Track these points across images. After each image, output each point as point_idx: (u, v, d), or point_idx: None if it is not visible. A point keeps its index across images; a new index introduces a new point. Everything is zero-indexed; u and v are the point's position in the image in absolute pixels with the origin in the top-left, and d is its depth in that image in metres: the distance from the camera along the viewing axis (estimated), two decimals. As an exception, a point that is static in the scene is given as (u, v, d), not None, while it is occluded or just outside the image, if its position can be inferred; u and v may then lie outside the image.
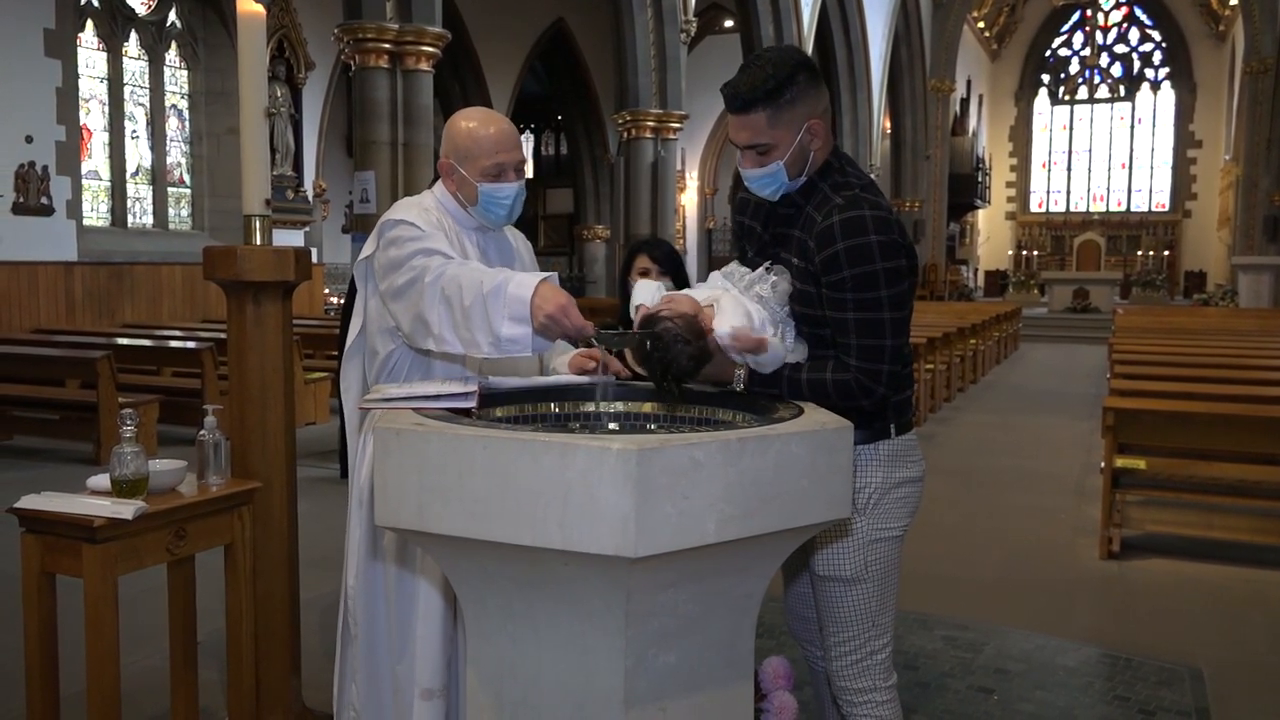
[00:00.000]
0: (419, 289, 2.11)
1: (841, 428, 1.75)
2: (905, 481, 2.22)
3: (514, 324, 1.95)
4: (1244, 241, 20.10)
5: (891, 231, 2.03)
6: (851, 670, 2.21)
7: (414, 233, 2.22)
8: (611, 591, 1.60)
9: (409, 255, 2.17)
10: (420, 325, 2.12)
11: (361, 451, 2.43)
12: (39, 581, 2.49)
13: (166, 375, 8.74)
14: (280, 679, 2.90)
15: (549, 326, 1.96)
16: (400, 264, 2.18)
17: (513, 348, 1.98)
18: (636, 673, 1.66)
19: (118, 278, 11.47)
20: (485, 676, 1.79)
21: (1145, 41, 29.73)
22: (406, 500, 1.65)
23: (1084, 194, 30.48)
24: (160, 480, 2.57)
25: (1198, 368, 7.08)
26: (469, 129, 2.35)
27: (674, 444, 1.53)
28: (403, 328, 2.22)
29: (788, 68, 2.03)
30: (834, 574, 2.19)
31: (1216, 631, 4.01)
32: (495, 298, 1.96)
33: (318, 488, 6.24)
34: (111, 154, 12.27)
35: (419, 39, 8.34)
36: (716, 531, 1.57)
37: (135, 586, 2.53)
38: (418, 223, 2.26)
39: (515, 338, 1.97)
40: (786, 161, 2.08)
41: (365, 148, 8.45)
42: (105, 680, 2.45)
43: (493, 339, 1.98)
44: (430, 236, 2.23)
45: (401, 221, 2.26)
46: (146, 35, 12.60)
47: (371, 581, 2.42)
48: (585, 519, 1.51)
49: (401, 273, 2.17)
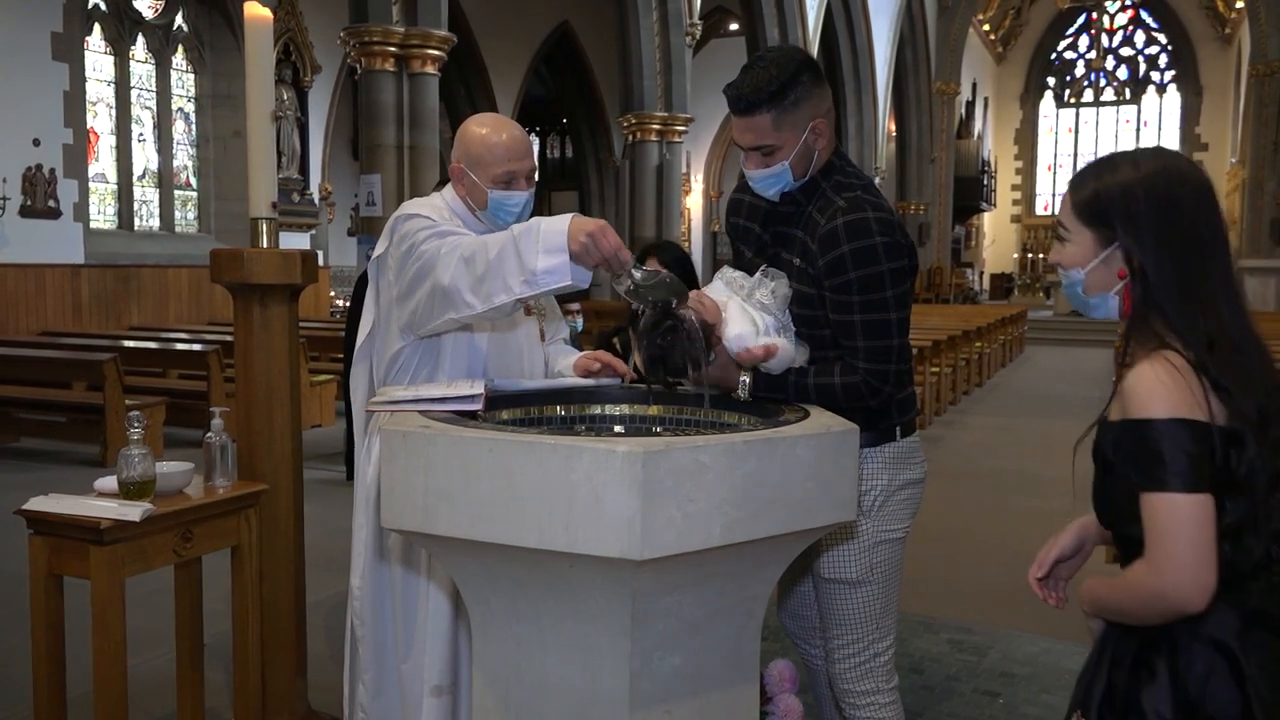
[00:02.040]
0: (434, 262, 2.08)
1: (847, 430, 1.76)
2: (909, 483, 2.23)
3: (549, 255, 1.89)
4: (1250, 244, 20.05)
5: (894, 233, 2.03)
6: (855, 672, 2.21)
7: (425, 223, 2.23)
8: (617, 594, 1.60)
9: (422, 241, 2.16)
10: (440, 297, 2.07)
11: (367, 453, 2.43)
12: (46, 583, 2.50)
13: (172, 378, 8.77)
14: (286, 681, 2.90)
15: (587, 247, 1.88)
16: (414, 252, 2.17)
17: (549, 279, 1.91)
18: (642, 675, 1.66)
19: (124, 280, 11.51)
20: (491, 678, 1.80)
21: (1151, 44, 29.68)
22: (413, 502, 1.66)
23: (1090, 197, 30.42)
24: (167, 482, 2.58)
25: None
26: (482, 135, 2.35)
27: (679, 446, 1.54)
28: (419, 313, 2.18)
29: (791, 68, 2.03)
30: (839, 576, 2.19)
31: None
32: (526, 236, 1.92)
33: (323, 490, 6.25)
34: (118, 157, 12.30)
35: (425, 42, 8.36)
36: (722, 534, 1.57)
37: (141, 588, 2.54)
38: (430, 215, 2.27)
39: (551, 268, 1.90)
40: (792, 161, 2.08)
41: (371, 150, 8.46)
42: (112, 681, 2.45)
43: (526, 276, 1.92)
44: (442, 223, 2.24)
45: (414, 215, 2.27)
46: (153, 39, 12.64)
47: (378, 582, 2.43)
48: (591, 521, 1.51)
49: (415, 259, 2.16)
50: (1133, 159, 1.54)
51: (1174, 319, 1.47)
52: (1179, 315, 1.47)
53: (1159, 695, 1.47)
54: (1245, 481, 1.43)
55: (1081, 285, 1.58)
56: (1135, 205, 1.50)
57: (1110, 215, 1.52)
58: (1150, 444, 1.41)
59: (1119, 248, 1.52)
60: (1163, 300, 1.48)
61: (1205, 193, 1.51)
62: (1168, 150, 1.57)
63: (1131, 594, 1.49)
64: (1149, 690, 1.48)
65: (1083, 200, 1.55)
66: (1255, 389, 1.44)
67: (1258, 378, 1.46)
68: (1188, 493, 1.39)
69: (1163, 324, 1.48)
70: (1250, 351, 1.48)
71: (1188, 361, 1.44)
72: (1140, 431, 1.43)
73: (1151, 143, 30.74)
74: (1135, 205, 1.50)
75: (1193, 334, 1.46)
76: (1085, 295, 1.59)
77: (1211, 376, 1.43)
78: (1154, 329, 1.49)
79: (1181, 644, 1.46)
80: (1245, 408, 1.43)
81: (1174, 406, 1.41)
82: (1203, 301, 1.48)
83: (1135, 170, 1.52)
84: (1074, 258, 1.57)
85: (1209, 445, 1.41)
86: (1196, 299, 1.47)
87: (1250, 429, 1.42)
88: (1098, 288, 1.57)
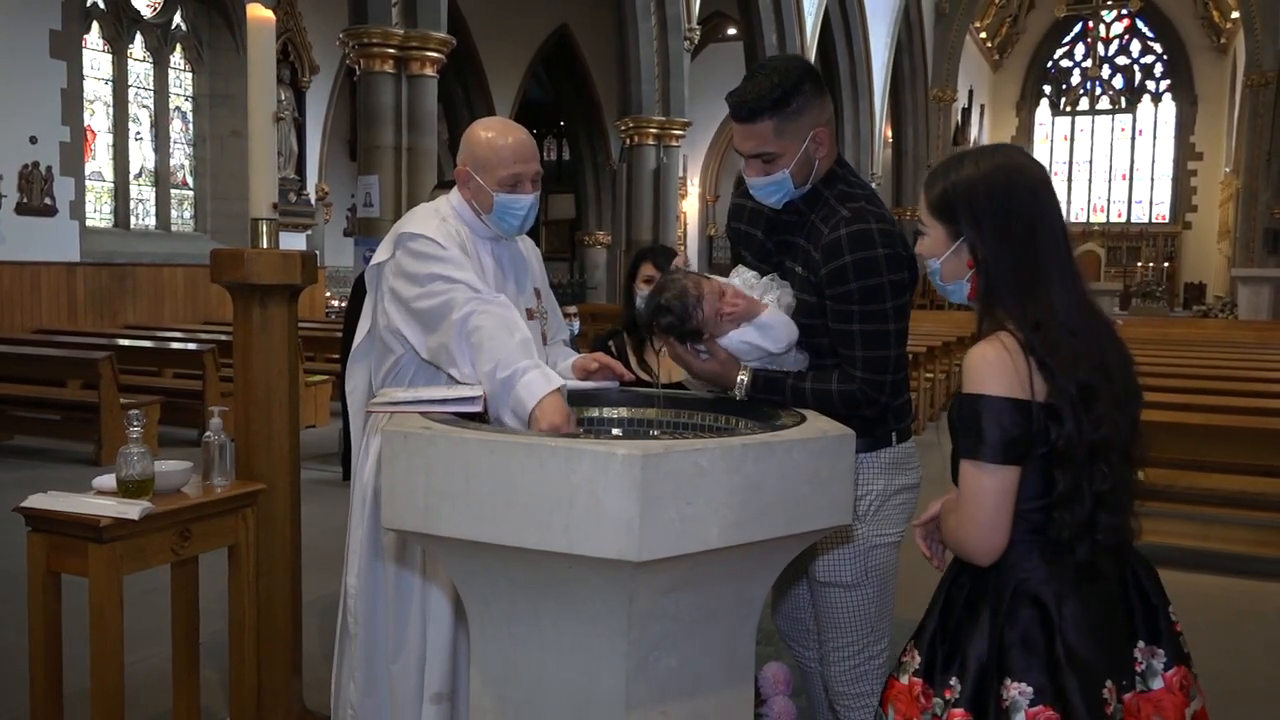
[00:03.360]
0: (447, 325, 2.15)
1: (843, 435, 1.78)
2: (904, 488, 2.25)
3: (513, 418, 2.00)
4: (1244, 254, 20.14)
5: (896, 244, 2.05)
6: (850, 675, 2.23)
7: (435, 250, 2.24)
8: (615, 595, 1.62)
9: (430, 277, 2.20)
10: (444, 354, 2.17)
11: (365, 452, 2.44)
12: (44, 580, 2.51)
13: (167, 376, 8.76)
14: (281, 680, 2.91)
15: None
16: (421, 282, 2.20)
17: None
18: (638, 676, 1.68)
19: (120, 279, 11.49)
20: (489, 678, 1.81)
21: (1147, 54, 29.78)
22: (413, 503, 1.67)
23: (1084, 205, 30.49)
24: (166, 481, 2.59)
25: (1196, 379, 7.10)
26: (488, 139, 2.36)
27: (678, 450, 1.55)
28: (415, 344, 2.25)
29: (794, 77, 2.05)
30: (835, 580, 2.21)
31: (1212, 641, 4.01)
32: (505, 389, 2.01)
33: (317, 490, 6.24)
34: (115, 155, 12.29)
35: (424, 44, 8.36)
36: (719, 537, 1.59)
37: (135, 588, 2.55)
38: (438, 238, 2.27)
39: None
40: (792, 170, 2.10)
41: (370, 152, 8.46)
42: (109, 679, 2.46)
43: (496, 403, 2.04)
44: (452, 258, 2.25)
45: (422, 236, 2.27)
46: (151, 38, 12.63)
47: (373, 581, 2.44)
48: (590, 523, 1.53)
49: (423, 295, 2.20)
50: (975, 158, 1.68)
51: (1009, 304, 1.63)
52: (1014, 301, 1.63)
53: (979, 640, 1.62)
54: (1065, 453, 1.57)
55: (939, 274, 1.74)
56: (977, 202, 1.64)
57: (956, 211, 1.67)
58: (973, 417, 1.58)
59: (965, 241, 1.67)
60: (1000, 288, 1.64)
61: (1040, 187, 1.66)
62: (1008, 147, 1.73)
63: (947, 534, 1.71)
64: (971, 633, 1.63)
65: (934, 197, 1.70)
66: (1079, 368, 1.58)
67: (1083, 357, 1.59)
68: (994, 464, 1.58)
69: (1002, 309, 1.63)
70: (1084, 332, 1.62)
71: (1019, 343, 1.59)
72: (967, 405, 1.59)
73: (1147, 153, 30.68)
74: (977, 202, 1.64)
75: (1024, 318, 1.61)
76: (943, 283, 1.74)
77: (1038, 356, 1.58)
78: (995, 313, 1.64)
79: (1005, 596, 1.61)
80: (1066, 385, 1.57)
81: (998, 384, 1.57)
82: (1036, 288, 1.62)
83: (976, 168, 1.66)
84: (931, 249, 1.73)
85: (1027, 421, 1.56)
86: (1030, 286, 1.62)
87: (1069, 405, 1.56)
88: (952, 276, 1.72)
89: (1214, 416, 5.34)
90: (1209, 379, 7.13)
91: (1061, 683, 1.55)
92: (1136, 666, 1.65)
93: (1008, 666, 1.58)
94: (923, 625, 1.75)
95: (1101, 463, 1.58)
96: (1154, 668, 1.66)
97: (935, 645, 1.68)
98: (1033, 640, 1.59)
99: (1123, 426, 1.62)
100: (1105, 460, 1.58)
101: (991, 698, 1.58)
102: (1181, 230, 28.99)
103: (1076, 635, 1.58)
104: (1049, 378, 1.58)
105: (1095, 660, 1.58)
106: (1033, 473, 1.60)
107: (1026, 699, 1.56)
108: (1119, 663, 1.62)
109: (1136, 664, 1.65)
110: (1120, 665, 1.62)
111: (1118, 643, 1.63)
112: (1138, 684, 1.64)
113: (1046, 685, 1.56)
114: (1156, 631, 1.68)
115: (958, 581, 1.71)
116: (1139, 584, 1.70)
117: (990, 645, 1.61)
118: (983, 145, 1.78)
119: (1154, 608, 1.69)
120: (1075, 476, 1.57)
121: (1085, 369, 1.58)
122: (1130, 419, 1.65)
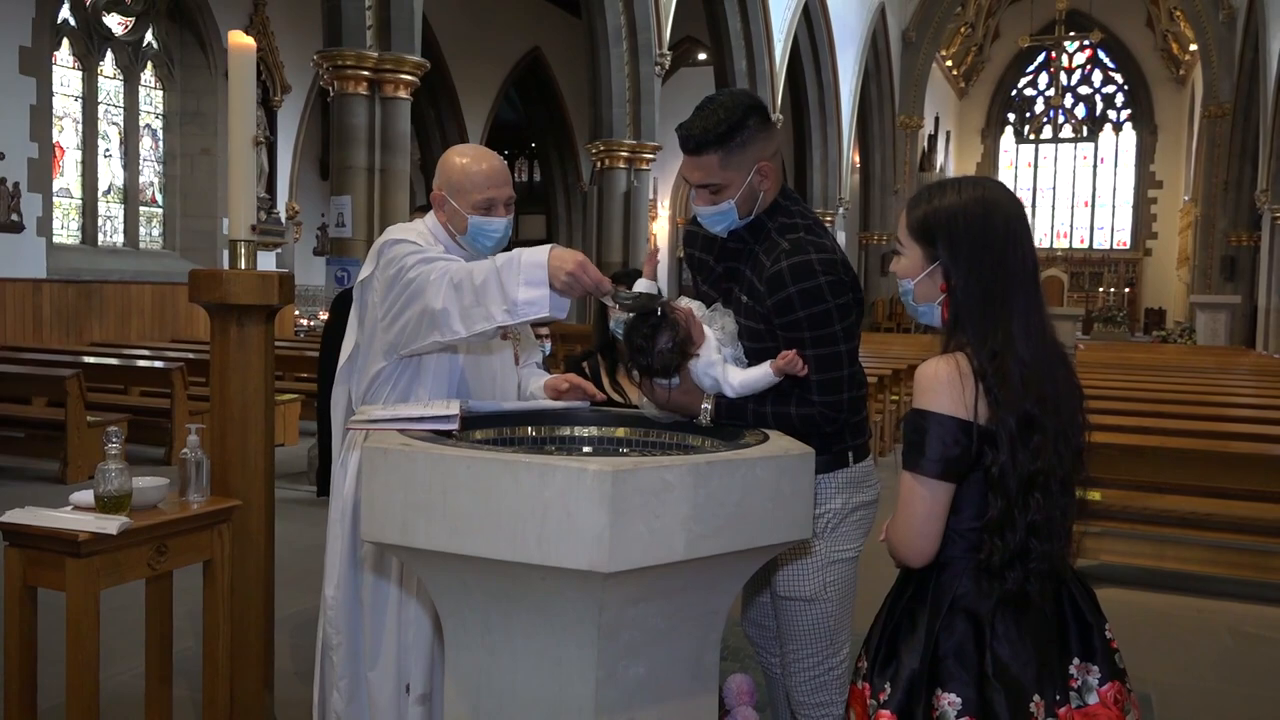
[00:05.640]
0: (424, 287, 2.18)
1: (804, 454, 1.86)
2: (862, 505, 2.33)
3: (530, 288, 2.02)
4: (1202, 280, 20.58)
5: (837, 270, 2.15)
6: (809, 685, 2.30)
7: (412, 248, 2.31)
8: (585, 605, 1.69)
9: (411, 265, 2.25)
10: (428, 320, 2.17)
11: (343, 467, 2.50)
12: (20, 595, 2.53)
13: (135, 395, 8.71)
14: (254, 695, 2.94)
15: (570, 284, 2.02)
16: (402, 276, 2.25)
17: (529, 310, 2.04)
18: (607, 684, 1.75)
19: (86, 296, 11.42)
20: (463, 686, 1.87)
21: (1108, 84, 30.44)
22: (392, 516, 1.74)
23: (1047, 230, 31.02)
24: (143, 497, 2.63)
25: (1155, 403, 7.25)
26: (462, 164, 2.45)
27: (647, 466, 1.63)
28: (405, 333, 2.27)
29: (739, 112, 2.14)
30: (794, 594, 2.29)
31: (1165, 658, 4.12)
32: (509, 268, 2.04)
33: (288, 509, 6.24)
34: (84, 172, 12.23)
35: (398, 67, 8.45)
36: (685, 549, 1.67)
37: (105, 604, 2.57)
38: (419, 241, 2.35)
39: (532, 300, 2.03)
40: (737, 200, 2.19)
41: (342, 172, 8.51)
42: (84, 694, 2.48)
43: (508, 306, 2.04)
44: (428, 249, 2.33)
45: (400, 240, 2.35)
46: (123, 55, 12.61)
47: (352, 592, 2.49)
48: (562, 535, 1.60)
49: (404, 284, 2.24)
50: (958, 187, 1.74)
51: (971, 331, 1.69)
52: (975, 329, 1.69)
53: (914, 648, 1.69)
54: (998, 480, 1.64)
55: (912, 295, 1.80)
56: (955, 229, 1.71)
57: (935, 235, 1.73)
58: (918, 431, 1.66)
59: (940, 265, 1.73)
60: (965, 314, 1.71)
61: (1015, 222, 1.72)
62: (992, 181, 1.79)
63: (887, 537, 1.77)
64: (907, 641, 1.70)
65: (915, 220, 1.76)
66: (1025, 400, 1.65)
67: (1031, 389, 1.66)
68: (931, 478, 1.64)
69: (964, 334, 1.70)
70: (1037, 364, 1.68)
71: (972, 367, 1.66)
72: (916, 419, 1.67)
73: (1108, 180, 31.15)
74: (955, 229, 1.71)
75: (983, 345, 1.67)
76: (915, 303, 1.80)
77: (987, 383, 1.65)
78: (958, 337, 1.71)
79: (943, 607, 1.68)
80: (1007, 417, 1.64)
81: (946, 402, 1.65)
82: (998, 319, 1.69)
83: (958, 197, 1.73)
84: (906, 269, 1.79)
85: (968, 440, 1.64)
86: (993, 316, 1.69)
87: (1007, 435, 1.64)
88: (924, 297, 1.78)
89: (1171, 440, 5.48)
90: (1167, 403, 7.29)
91: (989, 696, 1.62)
92: (1072, 683, 1.70)
93: (941, 677, 1.65)
94: (870, 630, 1.81)
95: (1038, 492, 1.64)
96: (1089, 684, 1.72)
97: (877, 649, 1.75)
98: (965, 653, 1.65)
99: (1065, 457, 1.68)
100: (1043, 490, 1.65)
101: (921, 706, 1.64)
102: (1142, 256, 29.55)
103: (1008, 650, 1.65)
104: (993, 404, 1.64)
105: (1023, 675, 1.64)
106: (974, 493, 1.67)
107: (955, 709, 1.62)
108: (1050, 678, 1.68)
109: (1072, 680, 1.71)
110: (1052, 681, 1.68)
111: (1050, 659, 1.69)
112: (1073, 699, 1.70)
113: (974, 698, 1.62)
114: (1091, 649, 1.74)
115: (902, 590, 1.78)
116: (1074, 602, 1.75)
117: (924, 654, 1.67)
118: (967, 175, 1.86)
119: (1089, 625, 1.75)
120: (1007, 504, 1.64)
121: (1031, 401, 1.65)
122: (1074, 450, 1.71)
